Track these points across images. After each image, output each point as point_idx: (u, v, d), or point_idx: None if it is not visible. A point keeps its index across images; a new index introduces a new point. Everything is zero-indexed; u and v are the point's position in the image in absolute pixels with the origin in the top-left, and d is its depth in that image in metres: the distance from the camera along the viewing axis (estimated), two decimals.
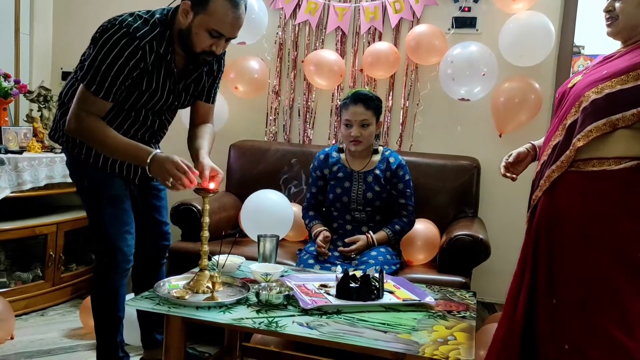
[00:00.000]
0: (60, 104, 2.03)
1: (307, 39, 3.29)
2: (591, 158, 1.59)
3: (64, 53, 3.69)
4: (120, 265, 2.05)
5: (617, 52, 1.69)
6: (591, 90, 1.59)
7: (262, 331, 1.62)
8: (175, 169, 1.77)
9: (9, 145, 2.89)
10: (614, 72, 1.58)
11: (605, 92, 1.56)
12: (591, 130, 1.57)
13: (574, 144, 1.60)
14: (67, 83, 2.04)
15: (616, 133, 1.55)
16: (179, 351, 1.71)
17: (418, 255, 2.64)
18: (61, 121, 2.00)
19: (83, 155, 1.99)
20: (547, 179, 1.67)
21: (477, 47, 2.85)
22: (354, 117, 2.45)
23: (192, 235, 2.69)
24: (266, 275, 1.89)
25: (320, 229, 2.53)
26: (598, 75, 1.62)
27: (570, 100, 1.66)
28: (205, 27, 1.81)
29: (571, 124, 1.63)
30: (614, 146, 1.57)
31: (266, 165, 3.07)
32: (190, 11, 1.81)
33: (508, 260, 3.00)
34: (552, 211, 1.66)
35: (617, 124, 1.54)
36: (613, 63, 1.63)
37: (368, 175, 2.54)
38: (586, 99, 1.59)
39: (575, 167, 1.62)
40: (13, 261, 2.95)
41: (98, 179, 2.01)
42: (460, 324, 1.65)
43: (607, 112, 1.55)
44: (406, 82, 3.16)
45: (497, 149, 3.06)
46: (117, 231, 2.03)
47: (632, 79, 1.53)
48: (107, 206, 2.02)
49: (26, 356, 2.43)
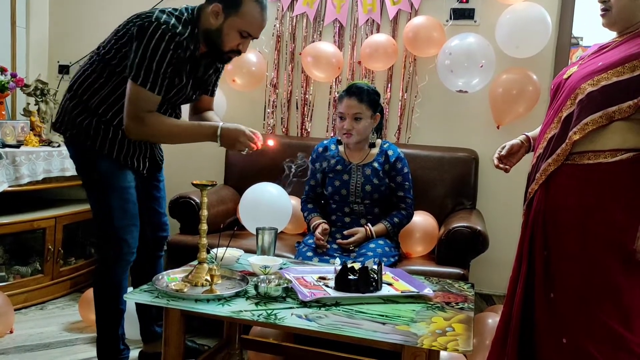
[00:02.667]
0: (72, 95, 2.02)
1: (305, 31, 3.28)
2: (587, 151, 1.58)
3: (60, 46, 3.68)
4: (125, 258, 2.07)
5: (612, 41, 1.68)
6: (587, 83, 1.58)
7: (261, 323, 1.62)
8: (244, 137, 1.94)
9: (6, 139, 2.88)
10: (609, 63, 1.56)
11: (602, 84, 1.54)
12: (587, 123, 1.55)
13: (570, 137, 1.58)
14: (80, 75, 2.02)
15: (612, 125, 1.54)
16: (178, 344, 1.72)
17: (416, 247, 2.64)
18: (73, 113, 1.99)
19: (98, 146, 1.98)
20: (543, 173, 1.66)
21: (475, 39, 2.84)
22: (347, 110, 2.46)
23: (191, 228, 2.69)
24: (265, 268, 1.89)
25: (318, 221, 2.53)
26: (593, 67, 1.60)
27: (565, 92, 1.65)
28: (236, 28, 1.94)
29: (567, 117, 1.62)
30: (610, 138, 1.55)
31: (264, 159, 3.06)
32: (222, 13, 1.92)
33: (506, 252, 3.01)
34: (549, 204, 1.66)
35: (613, 116, 1.53)
36: (608, 54, 1.62)
37: (366, 167, 2.54)
38: (582, 92, 1.58)
39: (571, 161, 1.61)
40: (12, 255, 2.95)
41: (110, 170, 2.02)
42: (458, 316, 1.66)
43: (603, 105, 1.53)
44: (404, 74, 3.16)
45: (495, 141, 3.03)
46: (125, 224, 2.04)
47: (628, 71, 1.52)
48: (117, 198, 2.03)
49: (26, 350, 2.44)
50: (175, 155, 2.36)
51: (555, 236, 1.64)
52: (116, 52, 1.94)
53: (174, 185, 2.47)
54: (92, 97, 1.97)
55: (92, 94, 1.98)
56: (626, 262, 1.54)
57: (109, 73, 1.95)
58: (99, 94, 1.97)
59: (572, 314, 1.60)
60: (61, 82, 3.63)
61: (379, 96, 2.57)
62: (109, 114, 1.98)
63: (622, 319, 1.54)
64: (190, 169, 3.21)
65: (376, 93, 2.54)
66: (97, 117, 1.98)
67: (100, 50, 2.00)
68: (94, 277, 2.16)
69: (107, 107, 1.97)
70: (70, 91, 2.03)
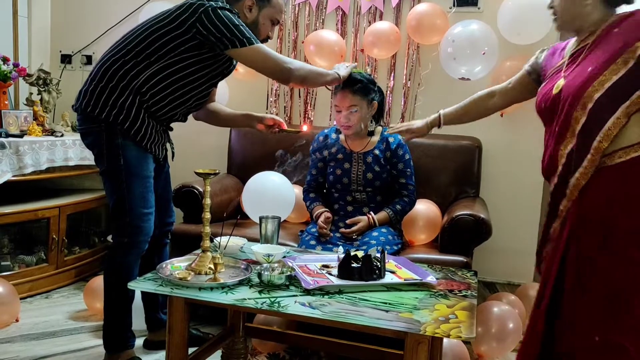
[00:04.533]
0: (108, 79, 2.00)
1: (307, 19, 3.27)
2: (615, 150, 1.56)
3: (62, 36, 3.67)
4: (140, 246, 2.09)
5: (580, 47, 1.67)
6: (590, 90, 1.56)
7: (264, 311, 1.63)
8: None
9: (10, 129, 2.88)
10: (599, 65, 1.56)
11: (606, 87, 1.54)
12: (609, 128, 1.54)
13: (597, 148, 1.55)
14: (110, 64, 2.01)
15: (631, 120, 1.53)
16: (183, 332, 1.73)
17: (419, 235, 2.65)
18: (115, 95, 1.99)
19: (134, 129, 2.01)
20: (575, 188, 1.61)
21: (478, 26, 2.82)
22: (342, 103, 2.45)
23: (194, 218, 2.70)
24: (268, 256, 1.90)
25: (321, 210, 2.53)
26: (585, 74, 1.58)
27: (569, 105, 1.62)
28: (270, 17, 2.16)
29: (583, 127, 1.58)
30: (634, 132, 1.54)
31: (267, 148, 3.06)
32: (255, 6, 2.12)
33: (509, 240, 3.03)
34: (588, 215, 1.60)
35: (629, 111, 1.52)
36: (592, 58, 1.60)
37: (367, 155, 2.54)
38: (590, 99, 1.56)
39: (601, 164, 1.57)
40: (16, 245, 2.97)
41: (136, 157, 2.05)
42: (461, 303, 1.66)
43: (616, 104, 1.53)
44: (407, 62, 3.14)
45: (499, 129, 3.06)
46: (143, 212, 2.07)
47: (622, 66, 1.52)
48: (139, 186, 2.05)
49: (32, 338, 2.46)
50: (178, 144, 2.36)
51: (596, 244, 1.58)
52: (164, 35, 1.98)
53: (177, 174, 2.47)
54: (134, 78, 1.99)
55: (136, 75, 1.99)
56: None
57: (157, 57, 1.99)
58: (143, 74, 1.99)
59: (607, 312, 1.55)
60: (64, 71, 3.63)
61: (374, 84, 2.53)
62: (148, 95, 2.01)
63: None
64: (193, 158, 3.21)
65: (370, 81, 2.51)
66: (139, 96, 2.00)
67: (124, 40, 2.04)
68: (105, 263, 2.18)
69: (149, 87, 2.00)
70: (104, 79, 2.01)
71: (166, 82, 2.02)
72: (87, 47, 3.59)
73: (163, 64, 2.00)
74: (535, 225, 3.02)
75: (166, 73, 2.01)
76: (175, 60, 2.00)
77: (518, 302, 2.60)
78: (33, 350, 2.34)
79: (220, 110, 2.39)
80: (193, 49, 1.99)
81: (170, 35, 1.98)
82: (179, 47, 1.98)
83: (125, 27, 3.24)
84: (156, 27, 2.00)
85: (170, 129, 2.23)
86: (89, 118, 2.04)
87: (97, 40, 3.55)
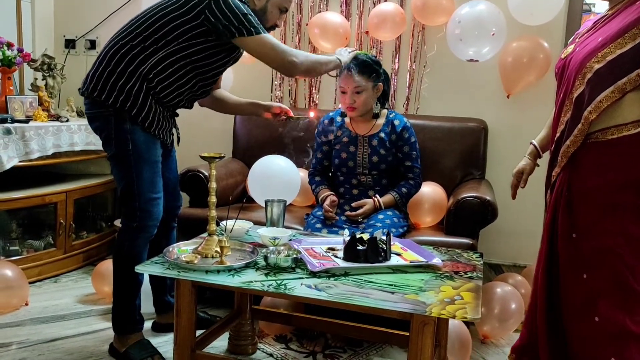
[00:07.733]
0: (116, 64, 2.00)
1: (311, 2, 3.24)
2: (608, 127, 1.56)
3: (66, 21, 3.65)
4: (149, 230, 2.10)
5: (605, 15, 1.65)
6: (592, 60, 1.55)
7: (271, 294, 1.64)
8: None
9: (15, 114, 2.89)
10: (609, 37, 1.54)
11: (607, 60, 1.53)
12: (601, 100, 1.53)
13: (586, 117, 1.56)
14: (118, 48, 2.01)
15: (626, 98, 1.52)
16: (190, 315, 1.75)
17: (425, 217, 2.65)
18: (122, 80, 1.99)
19: (142, 116, 2.01)
20: (564, 155, 1.63)
21: (485, 6, 2.79)
22: (347, 85, 2.44)
23: (200, 202, 2.71)
24: (274, 239, 1.91)
25: (327, 193, 2.54)
26: (594, 44, 1.58)
27: (572, 73, 1.62)
28: (278, 5, 2.15)
29: (578, 97, 1.59)
30: (630, 111, 1.53)
31: (273, 131, 3.05)
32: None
33: (515, 222, 3.02)
34: (576, 185, 1.62)
35: (625, 88, 1.51)
36: (605, 29, 1.59)
37: (373, 138, 2.53)
38: (589, 70, 1.56)
39: (594, 139, 1.58)
40: (24, 229, 2.99)
41: (144, 142, 2.05)
42: (467, 284, 1.67)
43: (613, 79, 1.52)
44: (412, 43, 3.12)
45: (505, 110, 3.04)
46: (152, 197, 2.08)
47: (629, 40, 1.50)
48: (147, 171, 2.06)
49: (41, 321, 2.48)
50: (183, 128, 2.36)
51: (585, 216, 1.60)
52: (172, 20, 1.97)
53: (182, 158, 2.48)
54: (142, 64, 1.99)
55: (143, 60, 1.99)
56: None
57: (165, 43, 1.98)
58: (150, 60, 1.99)
59: (607, 290, 1.56)
60: (68, 56, 3.62)
61: (380, 66, 2.52)
62: (155, 81, 2.01)
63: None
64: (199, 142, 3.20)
65: (376, 63, 2.50)
66: (146, 82, 2.00)
67: (136, 29, 2.01)
68: (114, 246, 2.19)
69: (156, 73, 2.00)
70: (118, 66, 2.00)
71: (173, 68, 2.01)
72: (91, 32, 3.58)
73: (171, 50, 1.99)
74: (541, 207, 3.01)
75: (173, 59, 2.00)
76: (183, 46, 1.99)
77: (524, 282, 2.60)
78: (43, 333, 2.37)
79: (226, 97, 2.40)
80: (201, 35, 1.99)
81: (179, 21, 1.97)
82: (187, 33, 1.98)
83: (128, 11, 3.24)
84: (165, 12, 1.99)
85: (176, 115, 2.23)
86: (96, 103, 2.04)
87: (100, 25, 3.53)
